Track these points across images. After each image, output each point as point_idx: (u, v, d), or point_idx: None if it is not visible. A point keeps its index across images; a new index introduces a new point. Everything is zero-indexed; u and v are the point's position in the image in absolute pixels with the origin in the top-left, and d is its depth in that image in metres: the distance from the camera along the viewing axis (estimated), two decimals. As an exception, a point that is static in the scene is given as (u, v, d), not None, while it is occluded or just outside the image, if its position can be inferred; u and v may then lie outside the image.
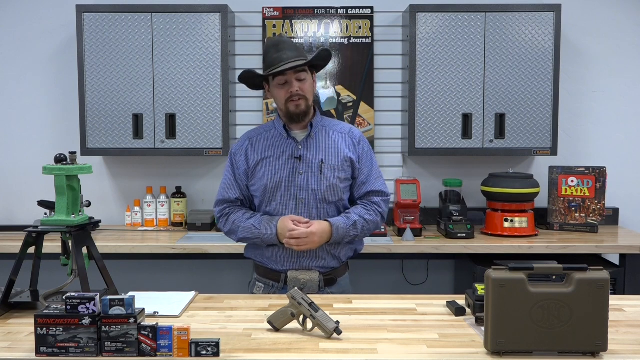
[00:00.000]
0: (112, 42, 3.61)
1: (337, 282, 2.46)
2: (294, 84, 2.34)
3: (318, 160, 2.39)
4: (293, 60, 2.31)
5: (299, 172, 2.38)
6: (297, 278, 2.39)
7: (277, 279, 2.42)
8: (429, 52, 3.62)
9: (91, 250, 2.12)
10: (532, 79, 3.63)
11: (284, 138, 2.43)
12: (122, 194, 4.00)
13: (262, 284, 2.47)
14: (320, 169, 2.38)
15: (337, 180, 2.39)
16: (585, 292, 1.65)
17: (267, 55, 2.36)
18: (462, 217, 3.60)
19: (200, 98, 3.64)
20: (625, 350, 1.73)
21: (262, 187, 2.40)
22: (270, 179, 2.38)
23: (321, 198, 2.38)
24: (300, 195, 2.38)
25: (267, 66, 2.35)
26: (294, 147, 2.41)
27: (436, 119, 3.65)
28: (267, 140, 2.44)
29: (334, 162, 2.40)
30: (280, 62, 2.31)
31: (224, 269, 3.96)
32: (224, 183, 2.49)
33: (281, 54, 2.31)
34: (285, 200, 2.38)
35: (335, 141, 2.44)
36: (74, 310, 1.67)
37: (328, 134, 2.45)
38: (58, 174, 2.02)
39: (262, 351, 1.73)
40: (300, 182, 2.38)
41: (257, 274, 2.50)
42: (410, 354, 1.72)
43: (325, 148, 2.42)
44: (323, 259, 2.41)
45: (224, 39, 3.62)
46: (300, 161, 2.38)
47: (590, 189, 3.67)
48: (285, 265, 2.41)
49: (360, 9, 3.88)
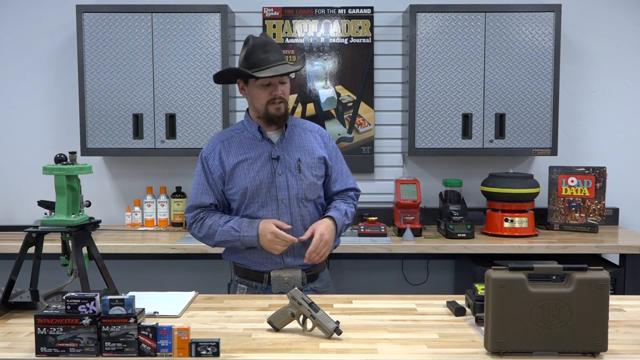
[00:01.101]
0: (112, 42, 3.61)
1: (318, 277, 2.47)
2: (279, 87, 2.33)
3: (295, 159, 2.39)
4: (280, 64, 2.31)
5: (277, 173, 2.37)
6: (280, 276, 2.38)
7: (260, 279, 2.41)
8: (429, 52, 3.62)
9: (91, 250, 2.12)
10: (532, 79, 3.63)
11: (258, 140, 2.40)
12: (122, 194, 4.00)
13: (244, 286, 2.45)
14: (299, 168, 2.38)
15: (314, 178, 2.41)
16: (585, 292, 1.65)
17: (252, 54, 2.32)
18: (462, 217, 3.60)
19: (200, 98, 3.64)
20: (625, 350, 1.73)
21: (242, 191, 2.36)
22: (249, 181, 2.35)
23: (302, 197, 2.38)
24: (280, 195, 2.36)
25: (252, 65, 2.30)
26: (270, 149, 2.39)
27: (436, 119, 3.65)
28: (240, 143, 2.41)
29: (310, 160, 2.42)
30: (268, 64, 2.29)
31: (224, 269, 3.95)
32: (196, 188, 2.43)
33: (268, 56, 2.30)
34: (266, 202, 2.36)
35: (309, 140, 2.46)
36: (74, 310, 1.67)
37: (300, 133, 2.46)
38: (58, 174, 2.02)
39: (262, 351, 1.73)
40: (280, 182, 2.37)
41: (238, 275, 2.49)
42: (410, 354, 1.72)
43: (300, 147, 2.42)
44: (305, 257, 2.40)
45: (224, 39, 3.62)
46: (278, 162, 2.37)
47: (590, 189, 3.67)
48: (269, 267, 2.39)
49: (360, 9, 3.88)
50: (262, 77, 2.31)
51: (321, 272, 2.50)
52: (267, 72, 2.29)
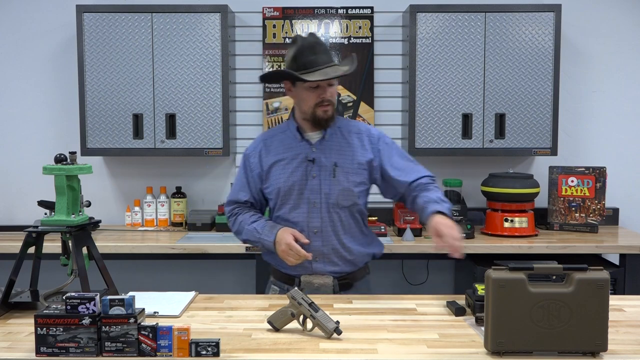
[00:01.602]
0: (112, 42, 3.62)
1: (353, 286, 2.39)
2: (327, 90, 2.27)
3: (331, 163, 2.32)
4: (329, 66, 2.25)
5: (311, 175, 2.31)
6: (310, 282, 2.34)
7: (291, 282, 2.38)
8: (429, 52, 3.62)
9: (91, 250, 2.12)
10: (532, 79, 3.63)
11: (297, 140, 2.36)
12: (122, 194, 4.00)
13: (277, 287, 2.43)
14: (334, 172, 2.31)
15: (351, 184, 2.32)
16: (585, 292, 1.65)
17: (300, 55, 2.26)
18: (462, 217, 3.59)
19: (200, 98, 3.64)
20: (625, 350, 1.73)
21: (276, 190, 2.34)
22: (283, 182, 2.32)
23: (334, 202, 2.31)
24: (312, 199, 2.31)
25: (300, 67, 2.25)
26: (307, 150, 2.34)
27: (436, 119, 3.65)
28: (280, 142, 2.38)
29: (349, 165, 2.33)
30: (317, 66, 2.23)
31: (224, 269, 3.96)
32: (236, 184, 2.45)
33: (317, 57, 2.24)
34: (298, 204, 2.32)
35: (351, 143, 2.36)
36: (74, 310, 1.67)
37: (344, 135, 2.37)
38: (58, 174, 2.02)
39: (262, 351, 1.73)
40: (313, 185, 2.31)
41: (273, 277, 2.47)
42: (410, 354, 1.72)
43: (339, 151, 2.34)
44: (336, 264, 2.36)
45: (224, 39, 3.62)
46: (314, 164, 2.31)
47: (590, 189, 3.67)
48: (298, 271, 2.36)
49: (360, 9, 3.88)
50: (311, 81, 2.24)
51: (357, 281, 2.42)
52: (316, 75, 2.23)
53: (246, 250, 3.32)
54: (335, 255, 2.34)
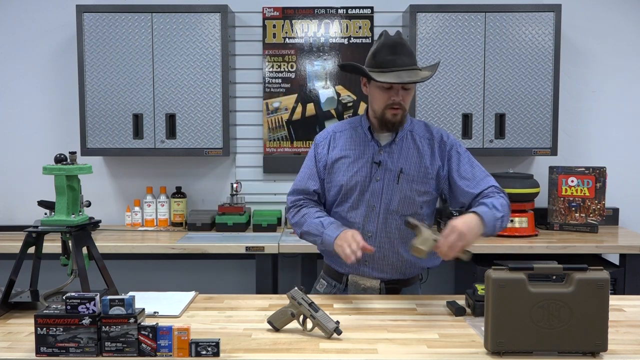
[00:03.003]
0: (112, 42, 3.62)
1: (400, 291, 2.34)
2: (400, 93, 2.18)
3: (397, 168, 2.23)
4: (407, 69, 2.15)
5: (375, 179, 2.24)
6: (357, 282, 2.31)
7: (339, 279, 2.35)
8: (429, 52, 3.62)
9: (91, 250, 2.12)
10: (532, 79, 3.63)
11: (367, 139, 2.28)
12: (122, 194, 4.00)
13: (325, 282, 2.39)
14: (398, 178, 2.23)
15: (414, 193, 2.23)
16: (585, 292, 1.65)
17: (379, 53, 2.18)
18: (462, 217, 3.59)
19: (200, 98, 3.65)
20: (625, 350, 1.73)
21: (338, 187, 2.28)
22: (347, 179, 2.26)
23: (394, 209, 2.23)
24: (372, 202, 2.24)
25: (377, 65, 2.17)
26: (375, 151, 2.26)
27: (436, 119, 3.65)
28: (350, 138, 2.31)
29: (415, 173, 2.24)
30: (393, 67, 2.14)
31: (224, 269, 3.96)
32: (304, 172, 2.35)
33: (395, 58, 2.14)
34: (357, 205, 2.25)
35: (421, 150, 2.27)
36: (74, 310, 1.67)
37: (415, 140, 2.28)
38: (58, 174, 2.02)
39: (262, 351, 1.73)
40: (375, 189, 2.24)
41: (324, 271, 2.44)
42: (410, 354, 1.72)
43: (408, 156, 2.25)
44: (385, 272, 2.30)
45: (224, 39, 3.62)
46: (379, 167, 2.24)
47: (590, 189, 3.67)
48: (346, 269, 2.32)
49: (360, 9, 3.88)
50: (378, 81, 2.15)
51: (407, 287, 2.35)
52: (388, 77, 2.14)
53: (246, 250, 3.32)
54: (385, 263, 2.28)
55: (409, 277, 2.36)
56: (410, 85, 2.19)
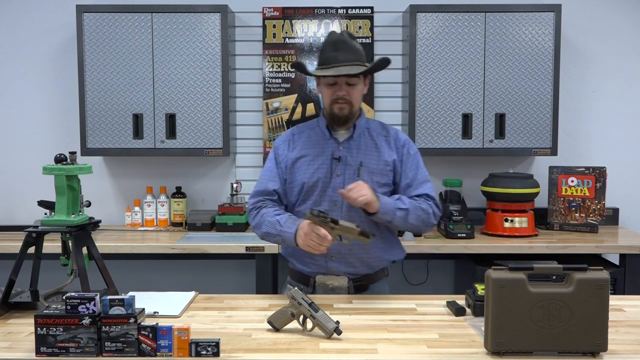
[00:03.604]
0: (112, 42, 3.62)
1: (368, 288, 2.36)
2: (343, 88, 2.26)
3: (357, 162, 2.31)
4: (347, 64, 2.22)
5: (336, 174, 2.30)
6: (325, 283, 2.33)
7: (306, 282, 2.37)
8: (429, 52, 3.62)
9: (91, 250, 2.12)
10: (532, 79, 3.63)
11: (325, 137, 2.36)
12: (122, 194, 4.00)
13: (292, 287, 2.41)
14: (358, 171, 2.29)
15: (375, 185, 2.28)
16: (585, 292, 1.65)
17: (322, 51, 2.28)
18: (462, 217, 3.60)
19: (200, 98, 3.65)
20: (625, 350, 1.74)
21: (300, 185, 2.33)
22: (308, 177, 2.31)
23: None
24: (334, 197, 2.29)
25: (321, 62, 2.27)
26: (334, 148, 2.33)
27: (436, 119, 3.65)
28: (308, 138, 2.38)
29: (374, 165, 2.32)
30: (334, 63, 2.22)
31: (224, 269, 3.96)
32: (264, 175, 2.40)
33: (337, 54, 2.22)
34: (320, 201, 2.30)
35: (379, 145, 2.35)
36: (74, 310, 1.67)
37: (372, 136, 2.37)
38: (58, 174, 2.02)
39: (262, 351, 1.73)
40: (337, 183, 2.29)
41: (290, 276, 2.46)
42: (410, 354, 1.72)
43: (366, 151, 2.33)
44: (353, 265, 2.33)
45: (224, 39, 3.62)
46: (339, 162, 2.31)
47: (590, 189, 3.67)
48: (313, 268, 2.34)
49: (360, 9, 3.88)
50: (313, 76, 2.27)
51: (373, 284, 2.38)
52: (325, 72, 2.23)
53: (246, 251, 3.32)
54: (351, 256, 2.31)
55: (376, 271, 2.38)
56: (355, 80, 2.27)
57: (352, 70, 2.23)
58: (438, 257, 3.80)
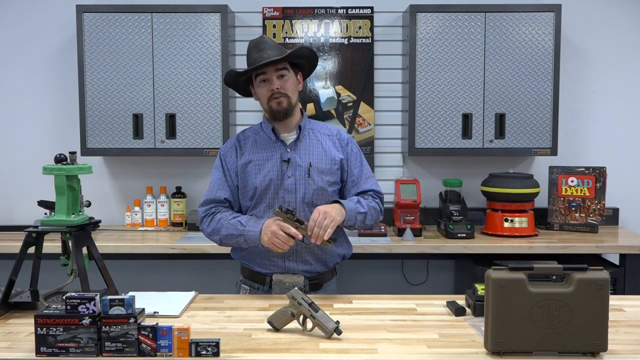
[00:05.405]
0: (112, 42, 3.62)
1: (322, 286, 2.42)
2: (275, 82, 2.31)
3: (306, 163, 2.36)
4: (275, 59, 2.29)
5: (287, 175, 2.35)
6: (282, 281, 2.36)
7: (262, 281, 2.40)
8: (429, 52, 3.62)
9: (91, 250, 2.12)
10: (532, 79, 3.63)
11: (272, 141, 2.40)
12: (122, 194, 4.00)
13: (247, 287, 2.45)
14: (309, 172, 2.35)
15: (325, 184, 2.36)
16: (585, 292, 1.65)
17: (248, 56, 2.35)
18: (462, 217, 3.60)
19: (200, 98, 3.65)
20: (625, 350, 1.73)
21: (252, 189, 2.37)
22: (259, 181, 2.35)
23: (309, 201, 2.34)
24: (287, 198, 2.34)
25: (248, 66, 2.34)
26: (282, 150, 2.38)
27: (436, 119, 3.65)
28: (255, 143, 2.42)
29: (323, 165, 2.38)
30: (260, 61, 2.28)
31: (224, 269, 3.94)
32: (213, 184, 2.44)
33: (262, 54, 2.29)
34: (273, 203, 2.34)
35: (324, 144, 2.41)
36: (74, 310, 1.67)
37: (317, 137, 2.43)
38: (58, 174, 2.02)
39: (262, 351, 1.73)
40: (288, 185, 2.34)
41: (243, 276, 2.49)
42: (410, 354, 1.72)
43: (314, 151, 2.39)
44: (309, 263, 2.38)
45: (224, 39, 3.62)
46: (289, 164, 2.35)
47: (590, 189, 3.67)
48: (270, 269, 2.38)
49: (360, 9, 3.88)
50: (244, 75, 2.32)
51: (327, 282, 2.45)
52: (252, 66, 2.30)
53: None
54: (308, 254, 2.36)
55: (329, 269, 2.44)
56: (285, 72, 2.33)
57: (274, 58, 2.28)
58: (438, 257, 3.80)
